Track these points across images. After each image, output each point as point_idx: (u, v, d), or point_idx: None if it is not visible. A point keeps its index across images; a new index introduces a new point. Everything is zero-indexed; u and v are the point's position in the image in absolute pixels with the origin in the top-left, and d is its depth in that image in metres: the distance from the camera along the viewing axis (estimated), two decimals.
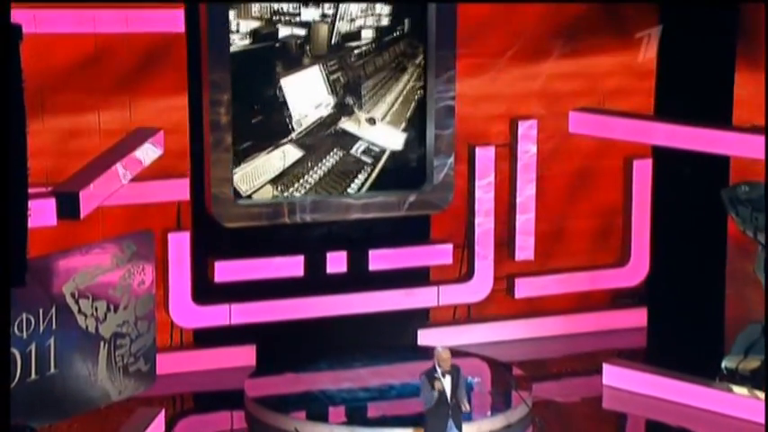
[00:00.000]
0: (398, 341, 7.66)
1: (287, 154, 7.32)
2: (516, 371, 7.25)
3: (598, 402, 7.02)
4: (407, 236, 7.65)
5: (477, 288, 7.82)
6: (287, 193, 7.30)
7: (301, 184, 7.34)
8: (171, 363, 7.02)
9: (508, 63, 7.75)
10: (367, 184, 7.47)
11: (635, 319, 7.97)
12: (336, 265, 7.47)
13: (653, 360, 7.33)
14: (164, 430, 6.47)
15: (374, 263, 7.53)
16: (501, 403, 6.75)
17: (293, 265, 7.37)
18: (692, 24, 7.62)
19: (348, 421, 6.63)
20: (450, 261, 7.71)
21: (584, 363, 7.50)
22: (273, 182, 7.27)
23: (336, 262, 7.47)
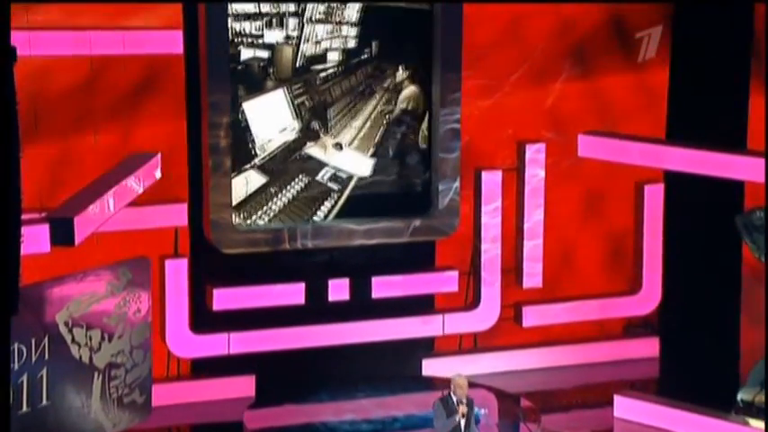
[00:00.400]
0: (402, 371, 7.61)
1: (250, 180, 7.25)
2: (524, 402, 7.21)
3: None
4: (412, 262, 7.62)
5: (484, 316, 7.79)
6: (249, 221, 7.22)
7: (265, 211, 7.29)
8: (167, 394, 6.98)
9: (515, 85, 7.75)
10: (334, 211, 7.43)
11: (647, 348, 7.94)
12: (338, 293, 7.43)
13: (666, 392, 7.29)
14: None
15: (377, 290, 7.50)
16: None
17: (294, 293, 7.34)
18: (704, 46, 7.61)
19: None
20: (456, 288, 7.69)
21: (595, 394, 7.45)
22: (236, 209, 7.22)
23: (338, 289, 7.44)
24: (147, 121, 7.06)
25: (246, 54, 7.16)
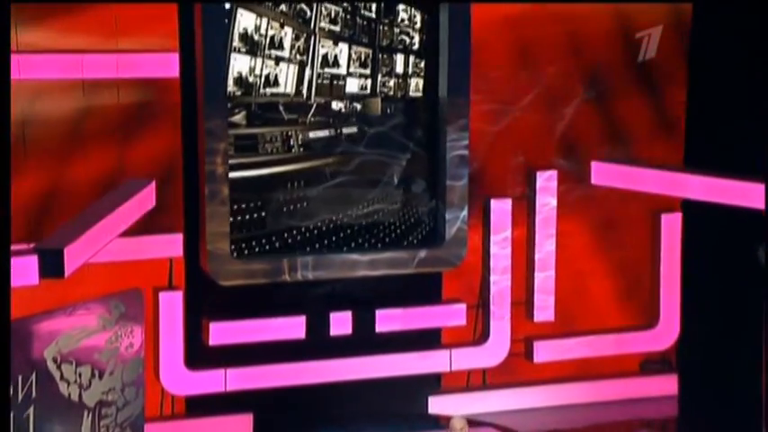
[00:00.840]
0: (408, 409, 7.54)
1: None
2: None
3: None
4: (417, 295, 7.55)
5: (493, 351, 7.71)
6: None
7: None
8: None
9: (525, 110, 7.73)
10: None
11: (665, 386, 7.86)
12: (341, 327, 7.36)
13: None
14: None
15: (381, 324, 7.42)
16: None
17: (294, 327, 7.27)
18: (723, 72, 7.58)
19: None
20: (464, 322, 7.61)
21: None
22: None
23: (341, 323, 7.36)
24: (142, 147, 7.02)
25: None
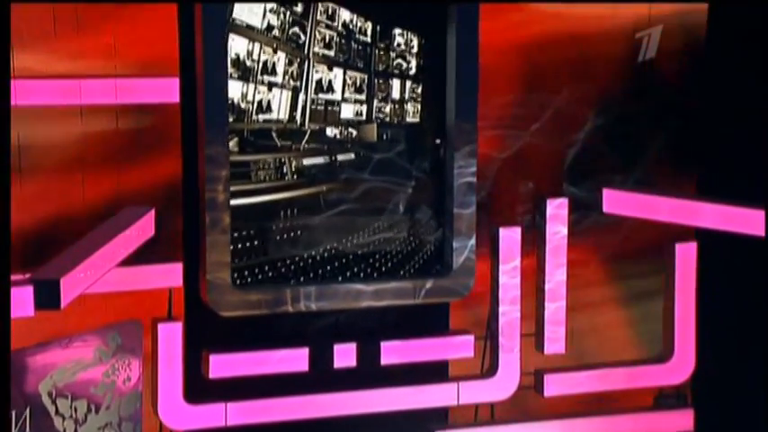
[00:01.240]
0: None
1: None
2: None
3: None
4: (424, 326, 7.50)
5: (502, 385, 7.65)
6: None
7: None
8: None
9: (535, 135, 7.72)
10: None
11: (680, 421, 7.81)
12: (345, 359, 7.31)
13: None
14: None
15: (387, 356, 7.37)
16: None
17: (297, 359, 7.22)
18: (736, 98, 7.58)
19: None
20: (472, 354, 7.55)
21: None
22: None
23: (345, 355, 7.31)
24: (141, 174, 7.01)
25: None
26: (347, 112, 7.35)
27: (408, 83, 7.45)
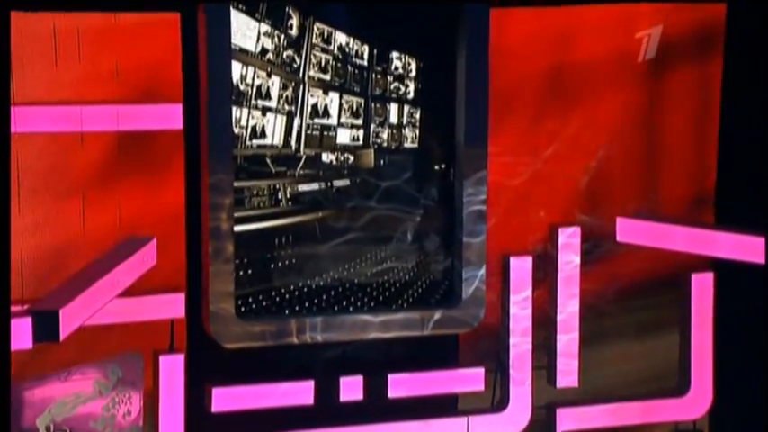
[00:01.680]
0: None
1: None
2: None
3: None
4: (432, 358, 7.48)
5: (513, 419, 7.61)
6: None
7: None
8: None
9: (547, 162, 7.72)
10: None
11: None
12: (351, 392, 7.29)
13: None
14: None
15: (394, 389, 7.35)
16: None
17: (302, 392, 7.20)
18: (753, 126, 7.58)
19: None
20: (482, 387, 7.52)
21: None
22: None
23: (351, 388, 7.29)
24: (143, 203, 7.02)
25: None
26: (343, 137, 7.36)
27: (407, 107, 7.46)
